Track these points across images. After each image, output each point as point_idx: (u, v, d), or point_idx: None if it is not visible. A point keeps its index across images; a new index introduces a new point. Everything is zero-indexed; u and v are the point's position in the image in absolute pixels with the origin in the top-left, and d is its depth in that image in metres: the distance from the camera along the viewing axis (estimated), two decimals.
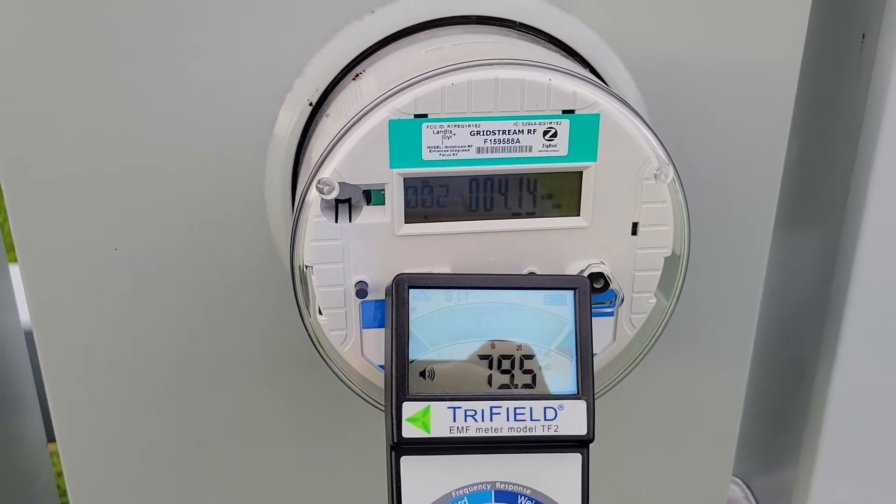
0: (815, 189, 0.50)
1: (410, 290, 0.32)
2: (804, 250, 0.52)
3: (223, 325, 0.44)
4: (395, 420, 0.31)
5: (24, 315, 0.46)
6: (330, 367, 0.36)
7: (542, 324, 0.33)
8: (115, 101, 0.39)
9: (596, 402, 0.37)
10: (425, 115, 0.32)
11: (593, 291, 0.35)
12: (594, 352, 0.37)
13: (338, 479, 0.49)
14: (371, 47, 0.38)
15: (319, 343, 0.35)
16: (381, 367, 0.36)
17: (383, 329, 0.35)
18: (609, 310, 0.36)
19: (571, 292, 0.33)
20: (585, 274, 0.35)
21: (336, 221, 0.33)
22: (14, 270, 0.53)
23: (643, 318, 0.36)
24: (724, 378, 0.49)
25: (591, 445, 0.33)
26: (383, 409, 0.33)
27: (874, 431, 0.51)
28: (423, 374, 0.32)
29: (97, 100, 0.39)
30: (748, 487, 0.60)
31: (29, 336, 0.45)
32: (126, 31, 0.37)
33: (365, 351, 0.35)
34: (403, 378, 0.32)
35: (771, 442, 0.57)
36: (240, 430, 0.47)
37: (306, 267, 0.34)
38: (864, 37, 0.45)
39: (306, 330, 0.35)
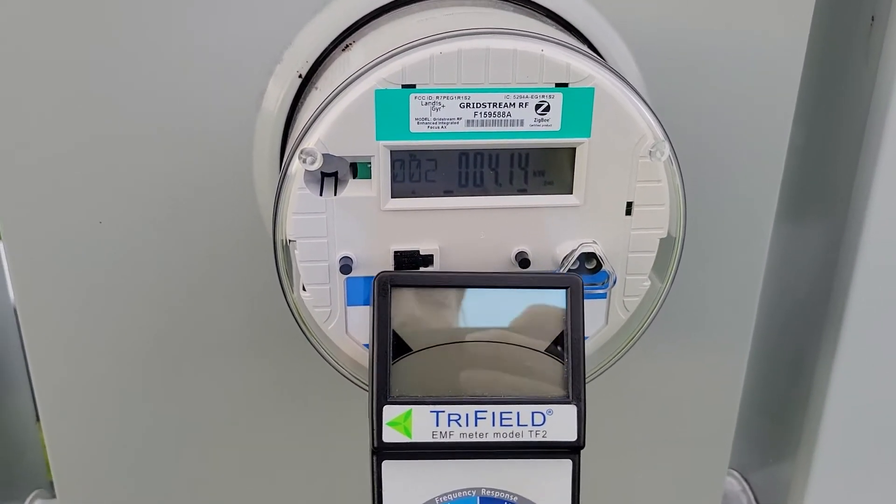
0: (820, 176, 0.49)
1: (393, 290, 0.31)
2: (807, 240, 0.51)
3: (211, 301, 0.43)
4: (376, 424, 0.30)
5: (13, 292, 0.45)
6: (313, 346, 0.35)
7: (531, 323, 0.32)
8: (100, 73, 0.38)
9: (588, 386, 0.37)
10: (413, 86, 0.31)
11: (585, 272, 0.34)
12: (586, 335, 0.36)
13: (331, 460, 0.48)
14: (363, 18, 0.37)
15: (303, 320, 0.34)
16: (367, 346, 0.35)
17: (368, 307, 0.34)
18: (601, 292, 0.35)
19: (564, 291, 0.32)
20: (577, 254, 0.34)
21: (320, 194, 0.32)
22: (3, 247, 0.52)
23: (636, 301, 0.35)
24: (722, 368, 0.48)
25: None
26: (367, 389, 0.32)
27: (873, 426, 0.50)
28: (405, 375, 0.31)
29: (83, 73, 0.38)
30: (746, 481, 0.59)
31: (18, 313, 0.44)
32: (112, 3, 0.37)
33: (350, 329, 0.35)
34: (384, 380, 0.31)
35: (769, 435, 0.56)
36: (228, 409, 0.46)
37: (289, 241, 0.33)
38: (873, 20, 0.44)
39: (289, 306, 0.34)
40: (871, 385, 0.49)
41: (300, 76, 0.38)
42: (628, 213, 0.34)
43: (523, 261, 0.34)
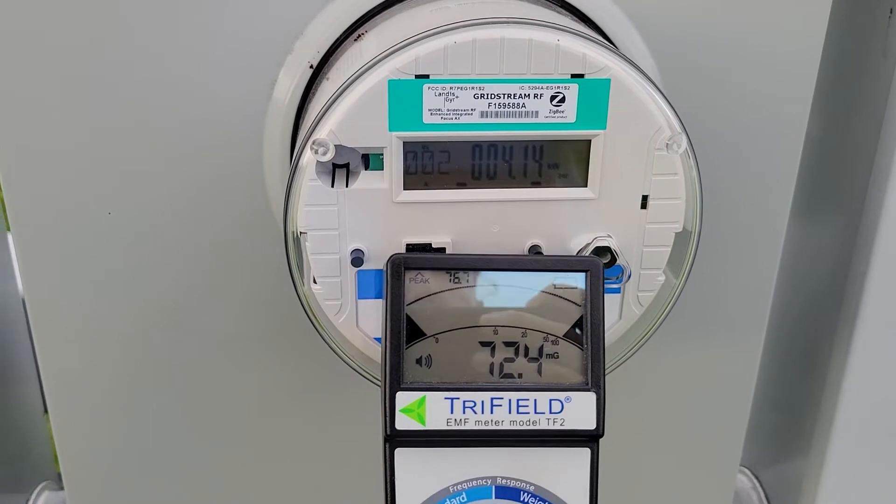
0: (836, 171, 0.48)
1: (407, 272, 0.31)
2: (822, 235, 0.50)
3: (220, 293, 0.43)
4: (389, 410, 0.30)
5: (22, 283, 0.45)
6: (324, 339, 0.35)
7: (549, 309, 0.31)
8: (110, 63, 0.38)
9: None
10: (427, 76, 0.31)
11: None
12: None
13: (341, 453, 0.48)
14: (375, 7, 0.37)
15: (313, 313, 0.34)
16: (378, 339, 0.34)
17: (380, 300, 0.33)
18: (615, 286, 0.34)
19: (583, 275, 0.31)
20: (591, 247, 0.33)
21: (332, 186, 0.32)
22: (11, 238, 0.52)
23: (651, 296, 0.35)
24: (734, 364, 0.48)
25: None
26: (379, 383, 0.32)
27: (887, 423, 0.50)
28: (419, 361, 0.31)
29: (92, 63, 0.38)
30: (756, 478, 0.59)
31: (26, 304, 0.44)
32: None
33: (360, 323, 0.34)
34: (398, 366, 0.30)
35: (781, 432, 0.56)
36: (237, 401, 0.46)
37: (300, 233, 0.33)
38: (891, 12, 0.43)
39: (299, 299, 0.34)
40: (886, 382, 0.49)
41: (311, 66, 0.37)
42: (643, 206, 0.33)
43: (537, 254, 0.33)
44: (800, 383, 0.53)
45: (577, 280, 0.31)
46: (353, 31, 0.37)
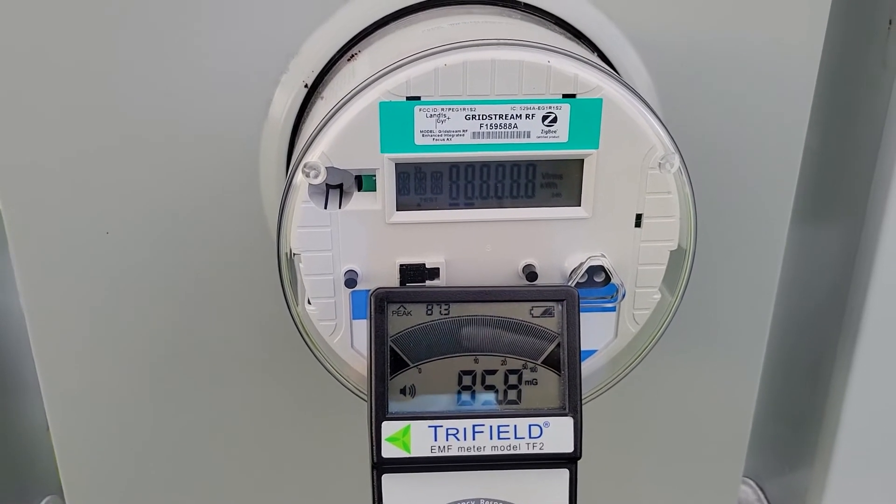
0: (836, 181, 0.48)
1: (389, 305, 0.31)
2: (823, 245, 0.50)
3: (217, 310, 0.43)
4: (375, 440, 0.31)
5: (23, 300, 0.45)
6: (318, 359, 0.35)
7: (528, 337, 0.32)
8: (107, 80, 0.38)
9: (601, 397, 0.36)
10: (418, 98, 0.31)
11: (594, 285, 0.33)
12: (595, 348, 0.35)
13: (336, 471, 0.48)
14: (369, 27, 0.37)
15: (307, 334, 0.34)
16: None
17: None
18: (610, 305, 0.34)
19: (559, 304, 0.32)
20: (585, 267, 0.33)
21: (325, 207, 0.32)
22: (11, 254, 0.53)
23: (646, 314, 0.35)
24: (736, 376, 0.48)
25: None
26: None
27: (892, 434, 0.50)
28: (403, 391, 0.31)
29: (89, 81, 0.38)
30: (761, 489, 0.59)
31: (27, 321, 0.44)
32: (119, 11, 0.37)
33: (355, 343, 0.34)
34: (383, 396, 0.31)
35: (785, 443, 0.56)
36: (235, 419, 0.46)
37: (293, 254, 0.33)
38: (891, 23, 0.43)
39: (293, 320, 0.34)
40: (889, 391, 0.48)
41: (306, 85, 0.37)
42: (637, 225, 0.33)
43: (531, 274, 0.33)
44: (803, 393, 0.53)
45: (555, 309, 0.32)
46: (347, 50, 0.37)
